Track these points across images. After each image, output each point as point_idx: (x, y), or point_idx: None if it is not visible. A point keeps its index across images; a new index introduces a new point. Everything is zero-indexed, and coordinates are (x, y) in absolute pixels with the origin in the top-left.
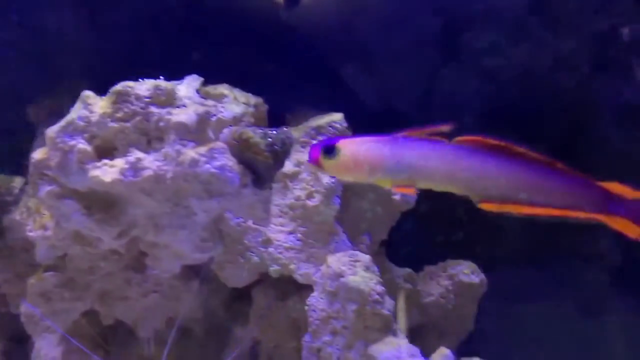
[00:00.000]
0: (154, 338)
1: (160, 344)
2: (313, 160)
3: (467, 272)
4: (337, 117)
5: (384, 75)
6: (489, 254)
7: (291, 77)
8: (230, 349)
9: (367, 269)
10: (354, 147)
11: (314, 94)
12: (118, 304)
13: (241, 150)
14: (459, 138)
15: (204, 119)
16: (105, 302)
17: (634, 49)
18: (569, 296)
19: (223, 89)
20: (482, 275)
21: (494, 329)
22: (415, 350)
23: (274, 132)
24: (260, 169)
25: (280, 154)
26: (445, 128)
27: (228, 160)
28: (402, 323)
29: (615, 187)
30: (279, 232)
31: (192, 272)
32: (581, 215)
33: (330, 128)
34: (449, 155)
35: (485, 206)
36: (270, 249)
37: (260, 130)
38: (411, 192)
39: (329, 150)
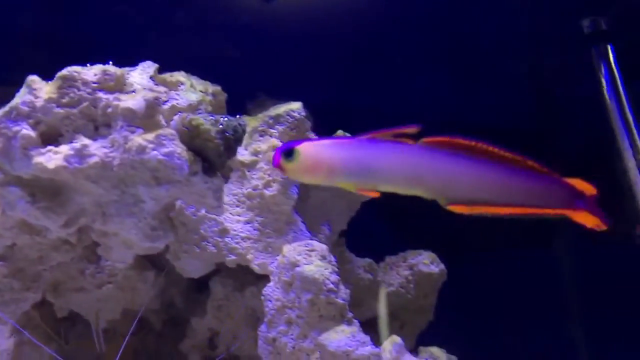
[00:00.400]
0: (110, 330)
1: (115, 336)
2: (276, 164)
3: (427, 262)
4: (296, 106)
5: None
6: (450, 244)
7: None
8: (189, 339)
9: (323, 258)
10: (313, 150)
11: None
12: (72, 295)
13: (191, 137)
14: (426, 139)
15: (153, 105)
16: (58, 294)
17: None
18: (527, 284)
19: (180, 76)
20: (442, 265)
21: (454, 319)
22: (366, 338)
23: (226, 118)
24: (211, 157)
25: (232, 141)
26: (412, 130)
27: (177, 147)
28: (383, 322)
29: (578, 184)
30: (236, 222)
31: (148, 262)
32: (549, 212)
33: (288, 117)
34: (414, 158)
35: (454, 208)
36: (227, 239)
37: (212, 117)
38: (374, 195)
39: (289, 153)
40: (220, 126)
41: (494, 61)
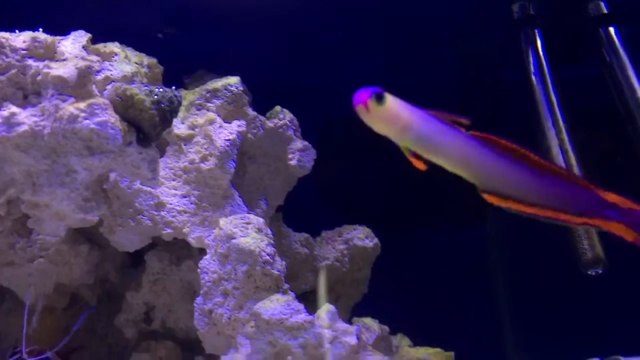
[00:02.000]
0: (43, 305)
1: (48, 312)
2: (361, 101)
3: (362, 237)
4: (233, 80)
5: None
6: (386, 220)
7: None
8: (123, 314)
9: (259, 230)
10: (397, 103)
11: None
12: (1, 269)
13: (125, 107)
14: (475, 132)
15: (85, 74)
16: None
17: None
18: (458, 260)
19: (114, 47)
20: (376, 240)
21: (388, 292)
22: (300, 306)
23: (161, 89)
24: (145, 127)
25: (167, 112)
26: (464, 121)
27: (110, 117)
28: (322, 298)
29: (611, 197)
30: (172, 196)
31: (82, 236)
32: (578, 220)
33: (225, 91)
34: (468, 144)
35: (488, 197)
36: (163, 212)
37: (146, 88)
38: (422, 167)
39: (380, 96)
40: (155, 97)
41: (426, 45)
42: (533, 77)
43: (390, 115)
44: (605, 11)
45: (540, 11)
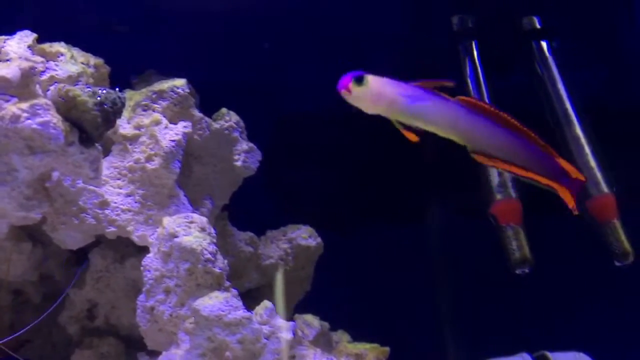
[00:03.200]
0: None
1: None
2: (343, 86)
3: (305, 236)
4: (180, 82)
5: None
6: (330, 218)
7: None
8: (67, 311)
9: (202, 230)
10: (380, 81)
11: None
12: None
13: (67, 108)
14: (460, 97)
15: (28, 75)
16: None
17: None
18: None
19: (60, 47)
20: (319, 239)
21: (331, 290)
22: (239, 303)
23: (105, 91)
24: (88, 128)
25: (110, 113)
26: (448, 83)
27: (52, 117)
28: (279, 300)
29: (564, 163)
30: (117, 195)
31: (25, 234)
32: (543, 180)
33: (172, 93)
34: (455, 110)
35: (477, 157)
36: (107, 211)
37: (89, 89)
38: (414, 139)
39: (359, 78)
40: (98, 98)
41: (368, 51)
42: (469, 86)
43: (374, 94)
44: (538, 26)
45: (478, 24)
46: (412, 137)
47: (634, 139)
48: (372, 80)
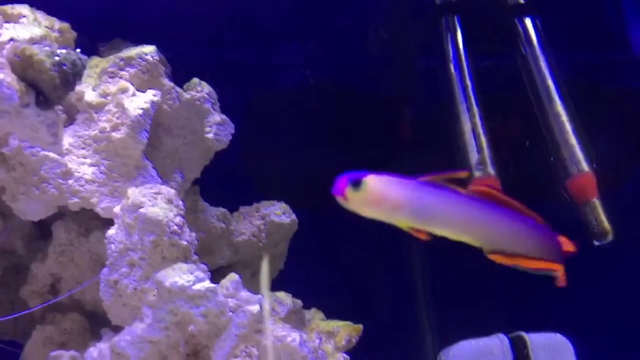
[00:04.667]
0: None
1: None
2: (338, 191)
3: (279, 213)
4: (149, 49)
5: None
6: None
7: None
8: (28, 285)
9: (169, 202)
10: (380, 184)
11: None
12: None
13: (23, 67)
14: (472, 188)
15: None
16: None
17: None
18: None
19: (23, 9)
20: (294, 216)
21: (306, 268)
22: (203, 275)
23: (64, 50)
24: (45, 89)
25: (70, 75)
26: (462, 174)
27: (6, 76)
28: (264, 284)
29: (563, 241)
30: (81, 165)
31: None
32: (555, 267)
33: (140, 59)
34: (466, 208)
35: (494, 257)
36: (70, 181)
37: (47, 48)
38: (424, 237)
39: (356, 183)
40: (57, 58)
41: (356, 27)
42: (451, 62)
43: (374, 199)
44: (522, 1)
45: None
46: (424, 237)
47: (616, 118)
48: (371, 183)
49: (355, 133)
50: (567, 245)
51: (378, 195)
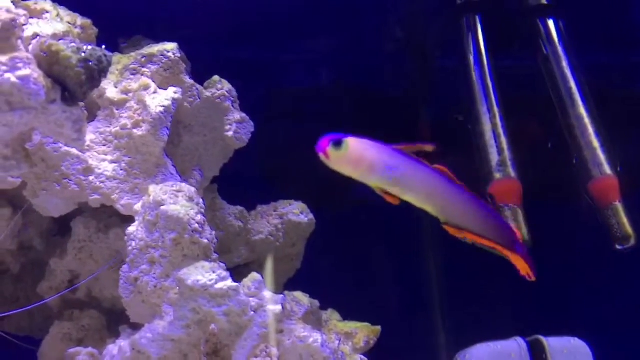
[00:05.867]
0: None
1: None
2: (322, 150)
3: (297, 212)
4: (170, 46)
5: None
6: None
7: None
8: (46, 282)
9: (190, 199)
10: (360, 145)
11: None
12: None
13: (50, 63)
14: (439, 167)
15: (9, 27)
16: None
17: None
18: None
19: (46, 4)
20: (311, 215)
21: (323, 268)
22: (226, 274)
23: (90, 47)
24: (71, 86)
25: (95, 71)
26: (428, 147)
27: (33, 72)
28: (269, 281)
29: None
30: (102, 161)
31: (3, 199)
32: (502, 250)
33: (162, 57)
34: (431, 179)
35: (448, 229)
36: (91, 178)
37: (74, 44)
38: (395, 202)
39: (338, 142)
40: (83, 54)
41: (374, 26)
42: (471, 62)
43: (352, 159)
44: (545, 2)
45: None
46: (393, 201)
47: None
48: (351, 143)
49: (372, 133)
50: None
51: (357, 156)
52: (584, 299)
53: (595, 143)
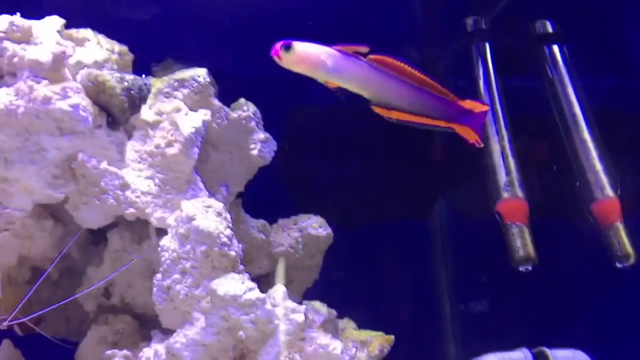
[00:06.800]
0: (5, 276)
1: (10, 282)
2: (275, 53)
3: (316, 226)
4: (201, 72)
5: None
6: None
7: None
8: (84, 288)
9: (218, 214)
10: (305, 47)
11: None
12: None
13: (97, 92)
14: (372, 56)
15: (59, 59)
16: None
17: None
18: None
19: (86, 33)
20: (330, 230)
21: (339, 279)
22: (253, 285)
23: (132, 77)
24: (115, 112)
25: (137, 99)
26: (363, 49)
27: (82, 100)
28: (279, 282)
29: (468, 103)
30: (137, 177)
31: (46, 212)
32: (442, 123)
33: (193, 81)
34: (365, 69)
35: (377, 109)
36: (127, 193)
37: (118, 74)
38: (333, 88)
39: (288, 46)
40: (126, 84)
41: (382, 48)
42: (481, 87)
43: (301, 59)
44: (550, 30)
45: (492, 26)
46: (334, 87)
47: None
48: (298, 46)
49: (389, 152)
50: (477, 107)
51: (303, 56)
52: (587, 313)
53: (598, 166)
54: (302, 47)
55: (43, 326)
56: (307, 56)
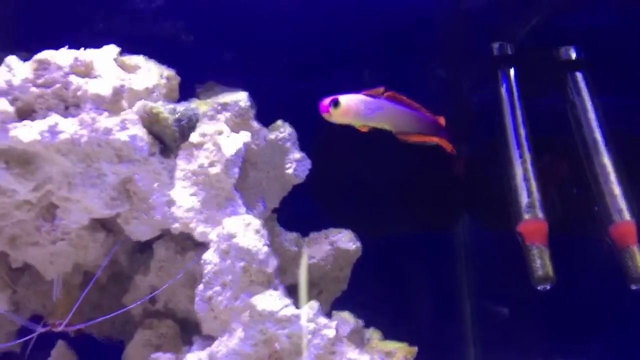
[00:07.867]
0: (61, 281)
1: (66, 287)
2: (325, 109)
3: (345, 240)
4: (242, 96)
5: None
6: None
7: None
8: (130, 294)
9: (257, 232)
10: (347, 101)
11: None
12: (27, 248)
13: (151, 123)
14: (388, 94)
15: (118, 92)
16: (15, 246)
17: None
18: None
19: (138, 60)
20: (359, 243)
21: (366, 289)
22: (289, 301)
23: (182, 108)
24: (167, 141)
25: (186, 129)
26: (381, 90)
27: (139, 131)
28: (302, 287)
29: (441, 119)
30: (182, 195)
31: (99, 224)
32: (432, 139)
33: (234, 105)
34: (388, 108)
35: (400, 137)
36: (173, 209)
37: (170, 106)
38: (365, 130)
39: (336, 103)
40: (177, 115)
41: (408, 71)
42: (505, 111)
43: (344, 112)
44: (574, 57)
45: (517, 52)
46: (365, 130)
47: None
48: (344, 101)
49: (415, 169)
50: (441, 122)
51: (347, 109)
52: (601, 329)
53: (617, 190)
54: (346, 101)
55: (91, 327)
56: (349, 108)
